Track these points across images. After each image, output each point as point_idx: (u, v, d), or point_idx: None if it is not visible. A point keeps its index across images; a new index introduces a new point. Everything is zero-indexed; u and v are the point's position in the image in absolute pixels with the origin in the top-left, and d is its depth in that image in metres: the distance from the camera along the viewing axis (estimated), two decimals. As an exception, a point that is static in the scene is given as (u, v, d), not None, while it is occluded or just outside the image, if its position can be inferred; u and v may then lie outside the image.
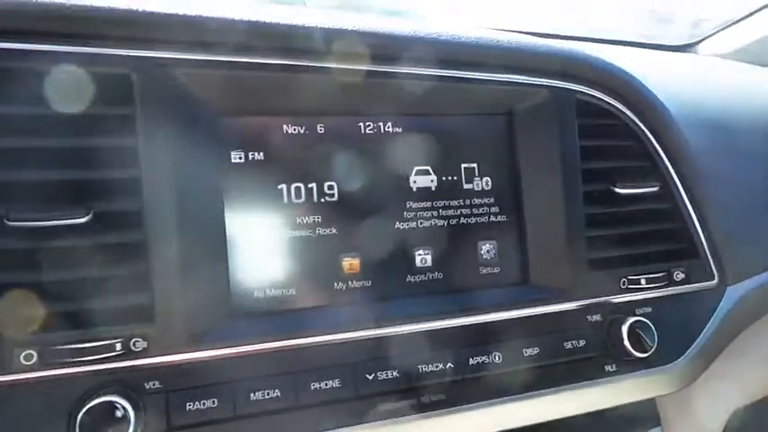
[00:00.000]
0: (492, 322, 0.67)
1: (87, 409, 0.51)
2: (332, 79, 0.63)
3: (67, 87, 0.54)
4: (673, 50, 1.54)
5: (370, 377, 0.61)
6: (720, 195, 0.81)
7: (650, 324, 0.71)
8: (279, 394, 0.58)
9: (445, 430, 0.64)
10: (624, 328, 0.70)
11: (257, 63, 0.60)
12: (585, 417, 0.72)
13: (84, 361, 0.53)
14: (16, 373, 0.51)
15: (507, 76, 0.70)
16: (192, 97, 0.58)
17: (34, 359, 0.52)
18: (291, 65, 0.61)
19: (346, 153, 0.66)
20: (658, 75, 0.88)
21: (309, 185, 0.64)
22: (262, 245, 0.62)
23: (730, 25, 1.44)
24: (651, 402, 0.81)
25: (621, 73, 0.76)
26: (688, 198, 0.78)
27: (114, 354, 0.54)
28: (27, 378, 0.51)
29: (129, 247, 0.55)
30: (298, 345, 0.60)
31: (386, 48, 0.65)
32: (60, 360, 0.52)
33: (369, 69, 0.64)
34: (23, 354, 0.51)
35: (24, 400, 0.51)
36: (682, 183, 0.78)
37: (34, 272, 0.52)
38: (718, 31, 1.46)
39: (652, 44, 1.55)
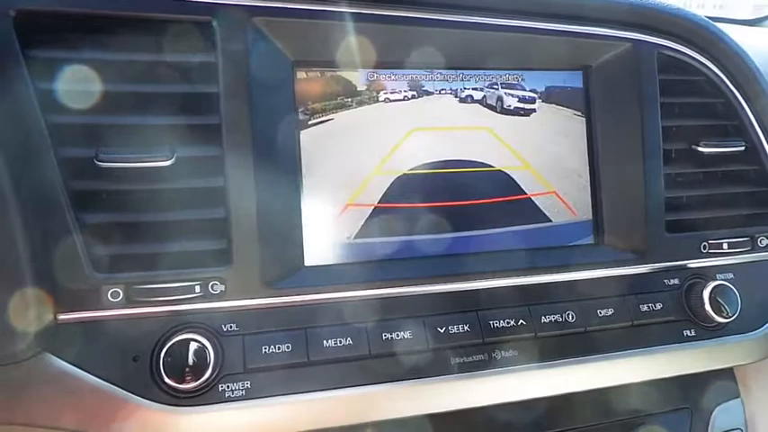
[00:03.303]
0: (564, 282, 0.66)
1: (169, 348, 0.53)
2: (409, 30, 0.62)
3: (152, 34, 0.56)
4: (743, 24, 1.48)
5: (441, 330, 0.60)
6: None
7: (733, 289, 0.68)
8: (351, 342, 0.58)
9: (515, 388, 0.63)
10: (705, 293, 0.67)
11: (337, 12, 0.60)
12: (663, 385, 0.69)
13: (165, 301, 0.54)
14: (105, 309, 0.53)
15: (585, 27, 0.68)
16: (270, 45, 0.59)
17: (120, 297, 0.53)
18: (368, 14, 0.61)
19: (419, 108, 0.65)
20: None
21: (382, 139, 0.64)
22: (335, 196, 0.62)
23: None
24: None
25: (710, 26, 0.72)
26: (776, 160, 0.74)
27: (193, 295, 0.55)
28: (114, 315, 0.53)
29: (209, 192, 0.56)
30: (367, 295, 0.60)
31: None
32: (144, 299, 0.54)
33: (442, 19, 0.63)
34: (110, 291, 0.53)
35: (111, 337, 0.53)
36: (770, 143, 0.74)
37: (120, 212, 0.54)
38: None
39: (722, 18, 1.50)
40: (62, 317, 0.52)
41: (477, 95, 0.67)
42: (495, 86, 0.68)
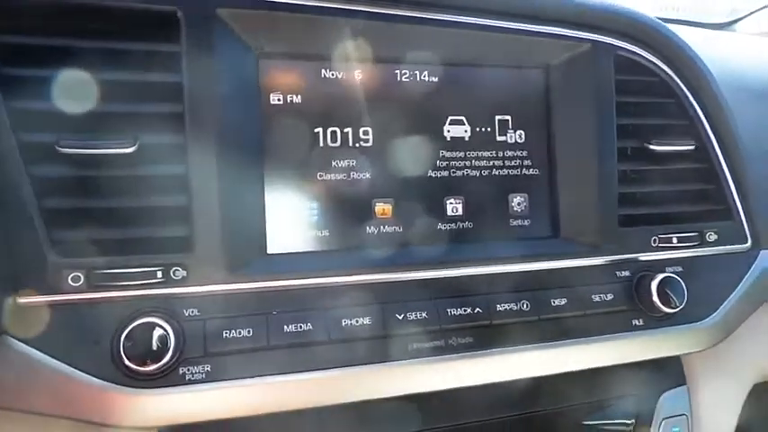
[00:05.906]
0: (520, 272, 0.68)
1: (129, 331, 0.54)
2: (371, 24, 0.64)
3: (118, 23, 0.56)
4: (711, 28, 1.52)
5: (400, 317, 0.62)
6: (757, 159, 0.79)
7: (680, 281, 0.71)
8: (311, 327, 0.59)
9: (470, 373, 0.65)
10: (654, 284, 0.70)
11: (299, 5, 0.61)
12: (613, 372, 0.72)
13: (126, 285, 0.55)
14: (65, 293, 0.54)
15: (547, 28, 0.70)
16: (234, 37, 0.60)
17: (81, 281, 0.54)
18: (329, 8, 0.62)
19: (382, 100, 0.67)
20: (698, 46, 0.86)
21: (345, 130, 0.65)
22: (297, 185, 0.63)
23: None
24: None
25: (665, 30, 0.75)
26: (724, 159, 0.77)
27: (155, 281, 0.56)
28: (74, 299, 0.54)
29: (172, 179, 0.57)
30: (328, 283, 0.61)
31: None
32: (105, 283, 0.55)
33: (408, 15, 0.65)
34: (71, 275, 0.54)
35: (72, 321, 0.54)
36: (719, 143, 0.77)
37: (82, 198, 0.55)
38: (756, 11, 1.44)
39: (691, 21, 1.54)
40: (22, 300, 0.52)
41: (439, 87, 0.69)
42: (458, 82, 0.70)
